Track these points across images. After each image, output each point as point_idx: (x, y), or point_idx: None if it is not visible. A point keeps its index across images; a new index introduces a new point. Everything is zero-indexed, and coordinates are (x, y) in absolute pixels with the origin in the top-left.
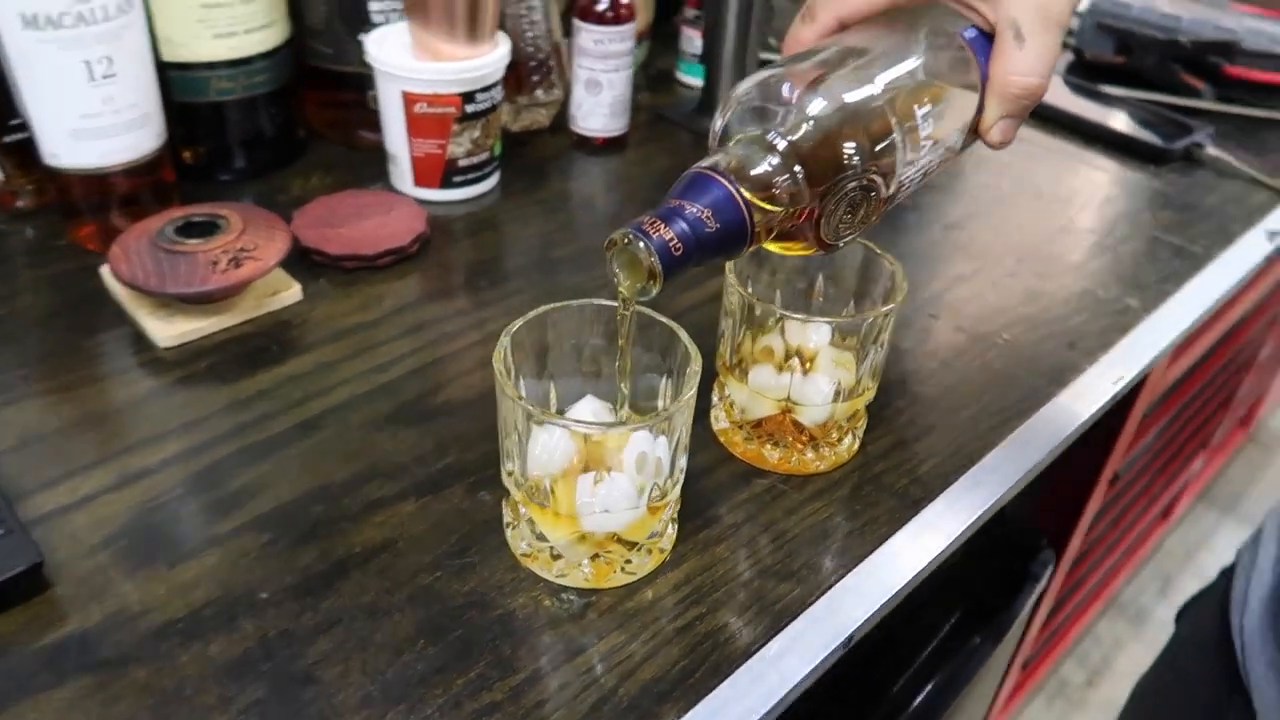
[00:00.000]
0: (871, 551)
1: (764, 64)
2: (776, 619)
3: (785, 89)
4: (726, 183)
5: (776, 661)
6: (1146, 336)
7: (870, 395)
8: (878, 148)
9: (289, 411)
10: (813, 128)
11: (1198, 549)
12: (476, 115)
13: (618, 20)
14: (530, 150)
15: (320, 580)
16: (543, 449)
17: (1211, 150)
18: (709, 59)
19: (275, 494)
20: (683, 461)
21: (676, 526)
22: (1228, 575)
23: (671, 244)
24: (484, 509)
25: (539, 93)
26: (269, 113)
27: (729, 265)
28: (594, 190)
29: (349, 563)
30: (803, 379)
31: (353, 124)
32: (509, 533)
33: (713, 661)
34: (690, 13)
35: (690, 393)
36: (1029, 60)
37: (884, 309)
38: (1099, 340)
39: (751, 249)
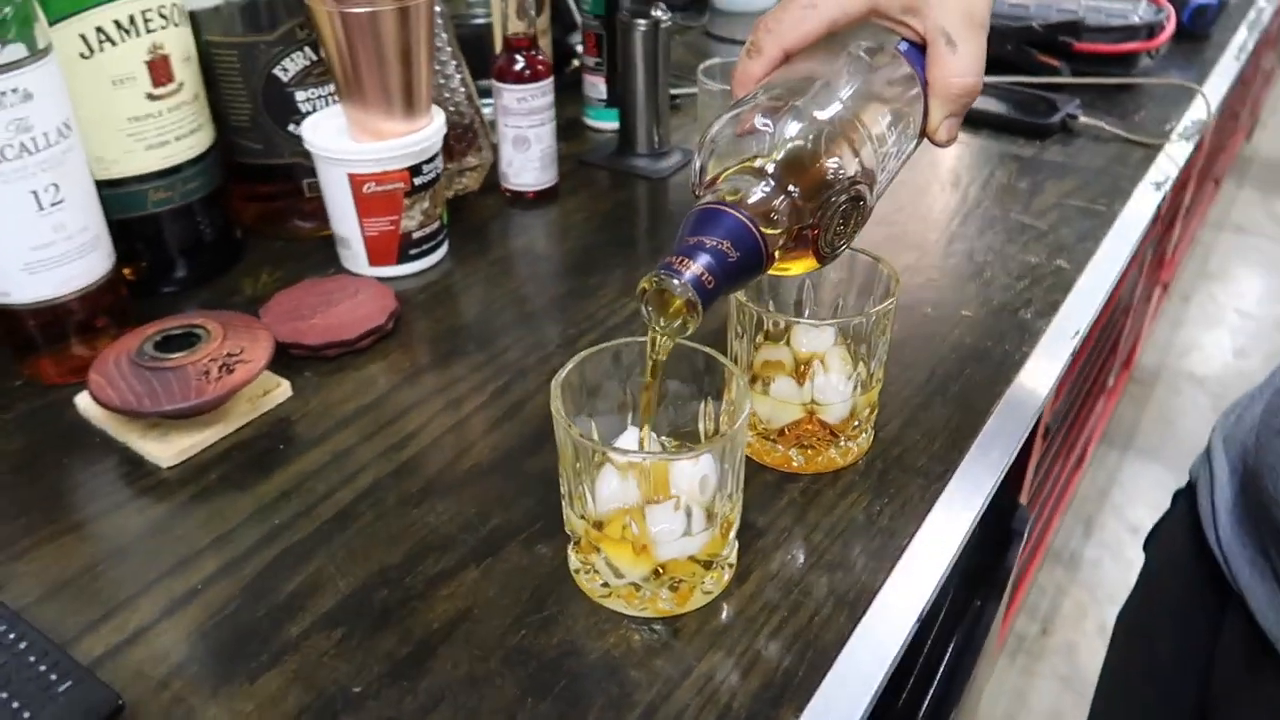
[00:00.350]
0: (917, 528)
1: (674, 98)
2: (854, 608)
3: (758, 120)
4: (736, 213)
5: (867, 647)
6: (1085, 290)
7: (882, 384)
8: (856, 159)
9: (319, 505)
10: (796, 149)
11: (1109, 488)
12: (424, 187)
13: (535, 77)
14: (468, 214)
15: (409, 662)
16: (609, 486)
17: (1084, 119)
18: (622, 102)
19: (334, 588)
20: (741, 477)
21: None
22: (1189, 495)
23: (703, 278)
24: (545, 562)
25: (469, 157)
26: (207, 217)
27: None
28: (543, 242)
29: (432, 639)
30: (824, 380)
31: (286, 215)
32: (580, 578)
33: (810, 659)
34: (591, 60)
35: (747, 411)
36: (963, 62)
37: (885, 305)
38: (1046, 302)
39: (764, 272)
